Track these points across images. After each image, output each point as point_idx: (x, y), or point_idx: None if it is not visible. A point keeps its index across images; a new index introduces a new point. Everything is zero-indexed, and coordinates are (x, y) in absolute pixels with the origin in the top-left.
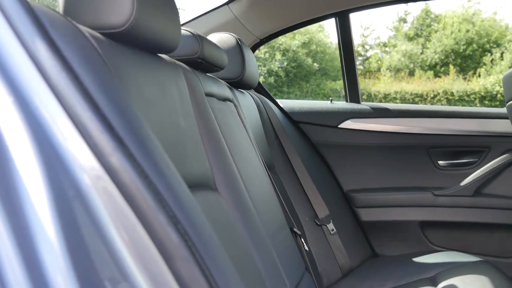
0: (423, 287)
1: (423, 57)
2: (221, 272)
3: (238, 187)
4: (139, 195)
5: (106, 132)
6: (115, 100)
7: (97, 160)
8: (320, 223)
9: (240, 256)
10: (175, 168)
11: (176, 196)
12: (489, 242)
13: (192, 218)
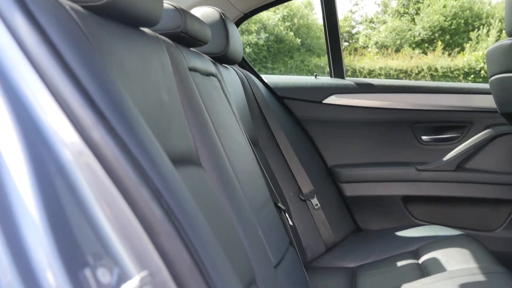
0: (405, 260)
1: (411, 33)
2: (205, 246)
3: (222, 162)
4: (122, 170)
5: (87, 106)
6: (96, 74)
7: (78, 135)
8: (304, 198)
9: (224, 231)
10: (158, 143)
11: (159, 170)
12: (471, 216)
13: (175, 193)
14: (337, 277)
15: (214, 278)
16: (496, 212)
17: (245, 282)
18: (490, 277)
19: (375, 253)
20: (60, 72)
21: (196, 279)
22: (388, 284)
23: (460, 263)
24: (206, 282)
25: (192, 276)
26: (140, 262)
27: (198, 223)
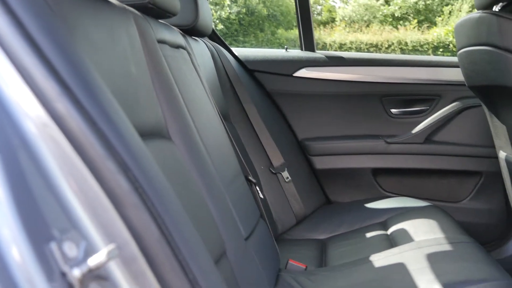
0: (374, 231)
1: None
2: (173, 219)
3: (192, 136)
4: (87, 143)
5: (51, 77)
6: (60, 44)
7: (42, 107)
8: (275, 171)
9: (194, 204)
10: (125, 115)
11: (126, 143)
12: (439, 187)
13: (143, 165)
14: (307, 249)
15: (183, 250)
16: (462, 184)
17: (215, 255)
18: (456, 247)
19: (344, 225)
20: (22, 43)
21: (164, 252)
22: (357, 255)
23: (427, 234)
24: (174, 255)
25: (161, 249)
26: (108, 235)
27: (167, 196)
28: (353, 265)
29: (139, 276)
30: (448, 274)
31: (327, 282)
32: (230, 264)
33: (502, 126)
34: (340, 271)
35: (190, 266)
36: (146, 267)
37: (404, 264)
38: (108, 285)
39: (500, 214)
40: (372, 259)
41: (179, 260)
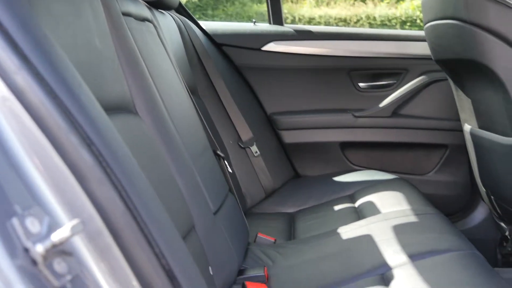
0: (342, 204)
1: None
2: (139, 193)
3: (159, 110)
4: (48, 116)
5: (10, 49)
6: (20, 17)
7: (1, 80)
8: (243, 145)
9: (162, 179)
10: (88, 88)
11: (89, 116)
12: (405, 160)
13: (106, 139)
14: (276, 222)
15: (148, 224)
16: (428, 157)
17: (183, 229)
18: (422, 218)
19: (313, 198)
20: None
21: (130, 226)
22: (325, 228)
23: (394, 206)
24: (140, 229)
25: (126, 223)
26: (71, 211)
27: (132, 170)
28: (321, 237)
29: (104, 251)
30: (414, 245)
31: (296, 254)
32: (199, 238)
33: (467, 99)
34: (309, 244)
35: (156, 240)
36: (111, 242)
37: (371, 236)
38: (73, 261)
39: (464, 186)
40: (339, 232)
41: (145, 234)
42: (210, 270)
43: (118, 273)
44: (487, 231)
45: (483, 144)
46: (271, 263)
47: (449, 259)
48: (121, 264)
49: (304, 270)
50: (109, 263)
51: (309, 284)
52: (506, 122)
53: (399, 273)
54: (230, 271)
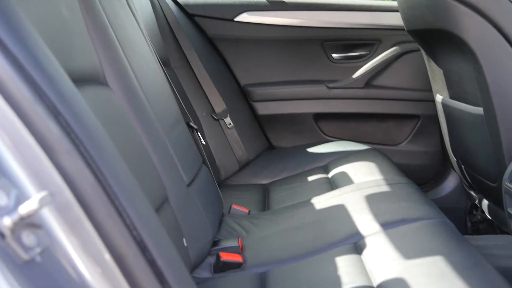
0: (316, 175)
1: None
2: (109, 164)
3: (130, 81)
4: (14, 86)
5: None
6: None
7: None
8: (217, 117)
9: (134, 151)
10: (56, 59)
11: (56, 87)
12: (378, 131)
13: (74, 110)
14: (250, 193)
15: (119, 196)
16: (401, 127)
17: (157, 201)
18: (394, 188)
19: (287, 170)
20: None
21: (100, 198)
22: (299, 198)
23: (367, 176)
24: (111, 201)
25: (96, 195)
26: (40, 183)
27: (101, 141)
28: (295, 208)
29: (75, 223)
30: (386, 214)
31: (270, 225)
32: (173, 210)
33: (439, 70)
34: (283, 214)
35: (128, 212)
36: (82, 215)
37: (344, 206)
38: (43, 234)
39: (436, 156)
40: (313, 202)
41: (115, 206)
42: (184, 241)
43: (89, 246)
44: (457, 199)
45: (454, 114)
46: (245, 234)
47: (420, 227)
48: (93, 237)
49: (278, 240)
50: (80, 236)
51: (283, 254)
52: (476, 92)
53: (372, 242)
54: (204, 243)
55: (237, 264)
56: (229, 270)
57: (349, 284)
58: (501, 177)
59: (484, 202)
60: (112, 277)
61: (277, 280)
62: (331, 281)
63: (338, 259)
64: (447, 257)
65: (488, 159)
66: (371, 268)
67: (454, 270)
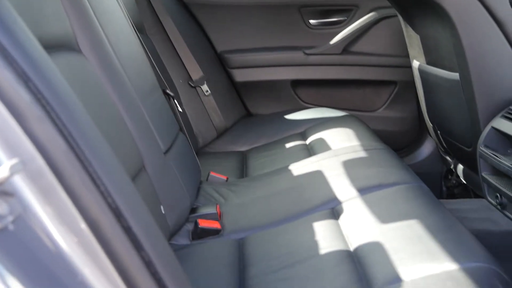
0: (293, 141)
1: None
2: (81, 131)
3: (104, 48)
4: None
5: None
6: None
7: None
8: (194, 84)
9: (109, 118)
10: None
11: (25, 52)
12: (355, 97)
13: (45, 76)
14: (228, 161)
15: (93, 163)
16: (377, 93)
17: (133, 168)
18: (371, 153)
19: (265, 137)
20: None
21: (73, 165)
22: (277, 165)
23: (344, 142)
24: (84, 167)
25: (69, 162)
26: (10, 150)
27: (73, 108)
28: (273, 174)
29: (48, 191)
30: (363, 179)
31: (248, 191)
32: (150, 177)
33: (416, 35)
34: (261, 181)
35: (102, 178)
36: (55, 182)
37: (322, 172)
38: (15, 201)
39: (412, 121)
40: (291, 168)
41: (89, 173)
42: (162, 209)
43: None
44: (433, 165)
45: (430, 79)
46: (224, 200)
47: (396, 192)
48: (67, 204)
49: (256, 207)
50: (54, 204)
51: (261, 220)
52: (453, 57)
53: (348, 207)
54: (182, 210)
55: (215, 231)
56: (207, 236)
57: (326, 248)
58: (476, 142)
59: (459, 167)
60: (89, 246)
61: (255, 246)
62: (308, 246)
63: (315, 224)
64: (423, 220)
65: (463, 124)
66: (347, 232)
67: (429, 233)
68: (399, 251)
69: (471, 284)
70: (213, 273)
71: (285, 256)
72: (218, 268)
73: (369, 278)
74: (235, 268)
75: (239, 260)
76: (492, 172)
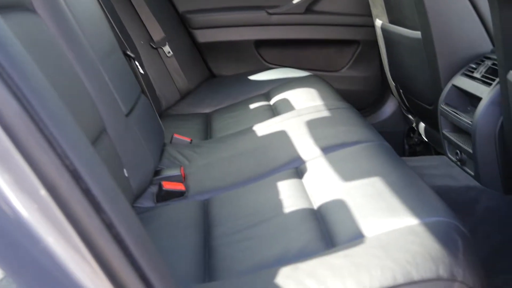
0: (257, 102)
1: None
2: (35, 92)
3: (59, 8)
4: None
5: None
6: None
7: None
8: (155, 46)
9: (66, 80)
10: None
11: None
12: (319, 57)
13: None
14: (192, 123)
15: (48, 124)
16: (341, 53)
17: (94, 131)
18: (334, 112)
19: (229, 98)
20: None
21: (28, 127)
22: (241, 126)
23: (308, 102)
24: (39, 129)
25: (23, 124)
26: None
27: (26, 68)
28: (237, 135)
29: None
30: (326, 138)
31: (212, 153)
32: (111, 140)
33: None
34: (225, 142)
35: (58, 140)
36: (9, 145)
37: (286, 132)
38: None
39: (375, 81)
40: (255, 129)
41: (45, 135)
42: (125, 172)
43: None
44: (395, 123)
45: (393, 38)
46: (188, 162)
47: (359, 150)
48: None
49: (220, 168)
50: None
51: (226, 181)
52: (415, 16)
53: (312, 165)
54: (145, 172)
55: (180, 193)
56: (172, 198)
57: (290, 207)
58: (437, 100)
59: (421, 125)
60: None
61: (220, 207)
62: (273, 205)
63: (279, 184)
64: (385, 177)
65: (425, 83)
66: (311, 191)
67: (391, 189)
68: (361, 208)
69: (432, 237)
70: (178, 234)
71: (250, 216)
72: (183, 229)
73: (332, 235)
74: (200, 228)
75: (204, 221)
76: (452, 130)
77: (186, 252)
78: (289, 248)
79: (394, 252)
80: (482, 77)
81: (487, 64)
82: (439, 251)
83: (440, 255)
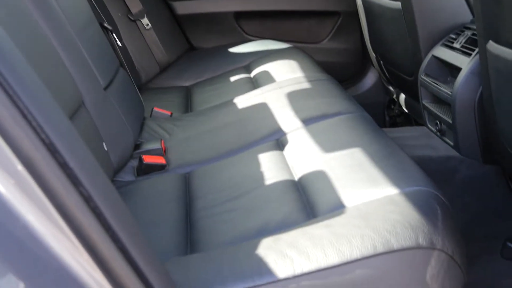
0: (238, 75)
1: None
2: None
3: None
4: None
5: None
6: None
7: None
8: (133, 18)
9: (42, 53)
10: None
11: None
12: (299, 29)
13: None
14: (172, 96)
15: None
16: (322, 25)
17: (72, 105)
18: (314, 84)
19: (209, 71)
20: None
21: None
22: (222, 99)
23: (288, 74)
24: (13, 102)
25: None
26: None
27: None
28: (218, 108)
29: None
30: (306, 110)
31: (193, 126)
32: (89, 114)
33: None
34: (205, 115)
35: (33, 113)
36: None
37: (266, 104)
38: None
39: (356, 52)
40: (236, 102)
41: (19, 109)
42: (104, 145)
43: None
44: (376, 95)
45: (373, 9)
46: (168, 136)
47: (340, 121)
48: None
49: (201, 141)
50: None
51: (207, 153)
52: None
53: (293, 137)
54: (125, 146)
55: (160, 166)
56: (152, 172)
57: (271, 179)
58: (417, 70)
59: (401, 96)
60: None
61: (201, 180)
62: (254, 177)
63: (260, 156)
64: (365, 148)
65: (405, 54)
66: (292, 162)
67: (371, 160)
68: (342, 178)
69: (411, 207)
70: (160, 208)
71: (231, 188)
72: (164, 203)
73: (313, 206)
74: (181, 202)
75: (185, 194)
76: (432, 100)
77: (167, 225)
78: (270, 219)
79: (374, 221)
80: (461, 48)
81: (467, 34)
82: (418, 220)
83: (419, 224)
